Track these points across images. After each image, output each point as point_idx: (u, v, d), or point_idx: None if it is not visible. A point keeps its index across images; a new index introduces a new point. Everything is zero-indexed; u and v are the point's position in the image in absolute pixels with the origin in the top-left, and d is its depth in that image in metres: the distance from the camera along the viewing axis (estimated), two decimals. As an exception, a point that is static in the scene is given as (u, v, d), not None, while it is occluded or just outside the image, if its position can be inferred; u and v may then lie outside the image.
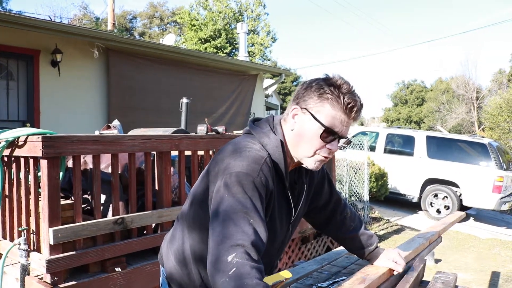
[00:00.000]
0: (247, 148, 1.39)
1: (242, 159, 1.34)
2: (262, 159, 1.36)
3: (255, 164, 1.34)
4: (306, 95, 1.43)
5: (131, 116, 8.28)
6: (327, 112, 1.38)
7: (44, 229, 2.70)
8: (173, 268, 1.57)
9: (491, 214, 11.30)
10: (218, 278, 1.13)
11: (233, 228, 1.20)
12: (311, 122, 1.40)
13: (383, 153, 11.10)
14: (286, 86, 40.55)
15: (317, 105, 1.39)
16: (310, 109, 1.41)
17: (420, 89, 46.70)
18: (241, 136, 1.53)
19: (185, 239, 1.53)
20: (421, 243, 2.33)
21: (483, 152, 9.75)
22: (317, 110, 1.39)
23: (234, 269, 1.12)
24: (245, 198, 1.27)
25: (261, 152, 1.39)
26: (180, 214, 1.62)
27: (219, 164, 1.38)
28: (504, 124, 29.36)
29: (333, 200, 1.83)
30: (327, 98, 1.38)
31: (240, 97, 11.20)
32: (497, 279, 6.03)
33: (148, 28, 41.49)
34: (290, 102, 1.50)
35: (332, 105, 1.38)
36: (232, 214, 1.23)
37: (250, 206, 1.26)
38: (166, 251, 1.64)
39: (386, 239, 7.99)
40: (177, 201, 3.58)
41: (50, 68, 7.42)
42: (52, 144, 2.64)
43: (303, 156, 1.45)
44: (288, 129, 1.47)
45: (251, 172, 1.31)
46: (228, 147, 1.44)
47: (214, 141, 3.82)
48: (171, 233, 1.65)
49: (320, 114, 1.39)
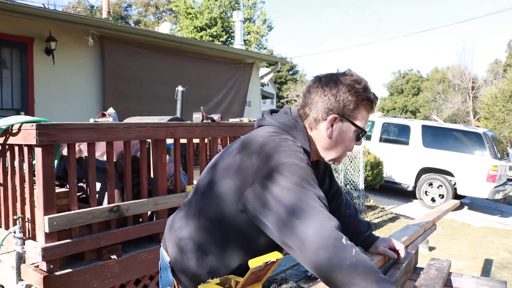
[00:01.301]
0: (282, 139, 1.39)
1: (286, 149, 1.34)
2: (301, 149, 1.38)
3: (299, 153, 1.35)
4: (340, 101, 1.46)
5: (126, 104, 8.24)
6: (362, 116, 1.48)
7: (40, 217, 2.69)
8: (177, 254, 1.56)
9: (485, 203, 11.38)
10: (342, 261, 1.13)
11: (320, 215, 1.20)
12: (350, 129, 1.48)
13: (378, 142, 11.12)
14: (282, 75, 40.49)
15: (355, 111, 1.47)
16: (348, 116, 1.47)
17: (416, 79, 46.77)
18: (262, 127, 1.51)
19: (189, 228, 1.52)
20: (415, 231, 2.34)
21: (478, 142, 9.80)
22: (355, 117, 1.48)
23: (355, 250, 1.16)
24: (308, 184, 1.27)
25: (297, 143, 1.41)
26: (187, 202, 1.60)
27: (255, 156, 1.35)
28: (499, 114, 29.47)
29: (332, 190, 1.85)
30: (362, 103, 1.47)
31: (236, 86, 11.16)
32: (490, 266, 6.10)
33: (144, 16, 41.22)
34: (312, 99, 1.50)
35: (366, 110, 1.49)
36: (309, 202, 1.22)
37: (316, 192, 1.27)
38: (169, 236, 1.63)
39: (381, 227, 8.04)
40: (173, 189, 3.58)
41: (44, 56, 7.37)
42: (46, 132, 2.63)
43: (334, 157, 1.53)
44: (321, 135, 1.50)
45: (301, 160, 1.32)
46: (259, 139, 1.40)
47: (210, 129, 3.81)
48: (175, 218, 1.64)
49: (358, 121, 1.48)
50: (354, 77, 1.47)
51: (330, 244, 1.14)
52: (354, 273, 1.12)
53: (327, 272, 1.15)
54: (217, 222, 1.45)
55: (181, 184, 3.63)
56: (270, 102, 30.83)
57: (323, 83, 1.50)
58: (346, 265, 1.12)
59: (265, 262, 1.20)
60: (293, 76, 44.29)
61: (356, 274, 1.12)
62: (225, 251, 1.47)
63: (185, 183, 3.71)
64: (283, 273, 1.67)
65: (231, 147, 1.50)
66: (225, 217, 1.42)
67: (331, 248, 1.14)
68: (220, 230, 1.46)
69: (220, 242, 1.47)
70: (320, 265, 1.15)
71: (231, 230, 1.44)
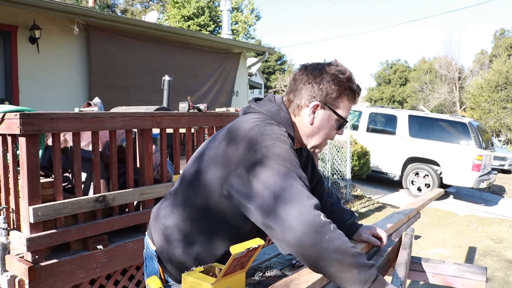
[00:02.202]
0: (267, 123, 1.43)
1: (270, 132, 1.38)
2: (285, 133, 1.42)
3: (283, 137, 1.39)
4: (323, 89, 1.49)
5: (112, 94, 8.18)
6: (344, 106, 1.52)
7: (24, 207, 2.67)
8: (163, 243, 1.57)
9: (470, 192, 11.55)
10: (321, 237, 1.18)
11: (301, 194, 1.24)
12: (331, 117, 1.52)
13: (365, 132, 11.19)
14: (270, 65, 40.40)
15: (337, 100, 1.51)
16: (330, 105, 1.51)
17: (404, 69, 47.02)
18: (247, 114, 1.54)
19: (175, 217, 1.53)
20: (399, 219, 2.37)
21: (464, 132, 9.90)
22: (337, 106, 1.51)
23: (332, 226, 1.22)
24: (291, 164, 1.31)
25: (281, 127, 1.45)
26: (173, 191, 1.62)
27: (240, 141, 1.38)
28: (485, 104, 29.82)
29: (315, 178, 1.87)
30: (344, 93, 1.50)
31: (223, 76, 11.12)
32: (473, 254, 6.20)
33: (131, 5, 40.70)
34: (296, 86, 1.55)
35: (348, 100, 1.52)
36: (291, 182, 1.26)
37: (298, 172, 1.31)
38: (154, 225, 1.64)
39: (367, 216, 8.12)
40: (159, 179, 3.57)
41: (28, 45, 7.26)
42: (30, 122, 2.60)
43: (315, 143, 1.55)
44: (304, 121, 1.54)
45: (285, 142, 1.37)
46: (244, 125, 1.44)
47: (196, 118, 3.80)
48: (160, 207, 1.64)
49: (339, 109, 1.51)
50: (339, 68, 1.51)
51: (310, 221, 1.19)
52: (332, 247, 1.18)
53: (306, 249, 1.19)
54: (203, 210, 1.47)
55: (167, 174, 3.62)
56: (258, 92, 30.79)
57: (308, 71, 1.53)
58: (325, 240, 1.18)
59: (247, 248, 1.22)
60: (281, 66, 44.25)
61: (334, 248, 1.18)
62: (211, 239, 1.49)
63: (172, 173, 3.70)
64: (267, 261, 1.68)
65: (217, 136, 1.52)
66: (210, 205, 1.44)
67: (310, 224, 1.18)
68: (206, 218, 1.48)
69: (206, 230, 1.49)
70: (300, 242, 1.19)
71: (216, 218, 1.46)
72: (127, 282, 3.31)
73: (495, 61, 33.55)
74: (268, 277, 1.53)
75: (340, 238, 1.21)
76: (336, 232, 1.22)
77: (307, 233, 1.18)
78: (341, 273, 1.20)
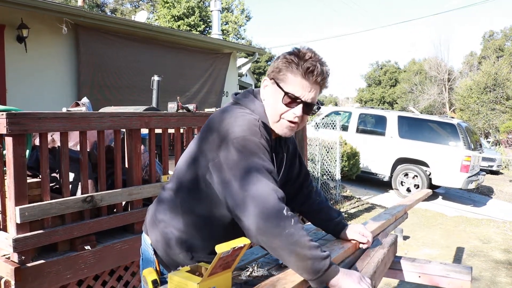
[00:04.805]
0: (240, 113, 1.47)
1: (241, 123, 1.42)
2: (257, 121, 1.46)
3: (254, 126, 1.43)
4: (274, 67, 1.53)
5: (101, 94, 8.14)
6: (289, 80, 1.49)
7: (11, 207, 2.65)
8: (158, 236, 1.62)
9: (459, 192, 11.63)
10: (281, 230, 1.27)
11: (266, 187, 1.30)
12: (277, 91, 1.51)
13: (355, 133, 11.23)
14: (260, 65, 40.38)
15: (281, 73, 1.50)
16: (276, 79, 1.52)
17: (394, 70, 47.25)
18: (225, 106, 1.60)
19: (170, 212, 1.59)
20: (387, 219, 2.39)
21: (452, 133, 9.96)
22: (282, 79, 1.50)
23: (293, 220, 1.30)
24: (258, 158, 1.36)
25: (254, 115, 1.49)
26: (168, 188, 1.65)
27: (215, 132, 1.44)
28: (474, 105, 30.07)
29: (302, 174, 1.89)
30: (289, 66, 1.49)
31: (213, 76, 11.10)
32: (461, 254, 6.25)
33: (120, 4, 40.47)
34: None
35: (292, 72, 1.48)
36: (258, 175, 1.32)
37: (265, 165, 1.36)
38: (149, 222, 1.69)
39: (357, 217, 8.15)
40: (148, 179, 3.56)
41: (16, 44, 7.19)
42: (17, 121, 2.58)
43: (272, 121, 1.54)
44: (262, 100, 1.58)
45: (255, 134, 1.41)
46: (219, 115, 1.50)
47: (185, 118, 3.79)
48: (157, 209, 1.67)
49: (283, 83, 1.50)
50: (301, 49, 1.52)
51: (273, 214, 1.27)
52: (291, 240, 1.27)
53: (267, 240, 1.29)
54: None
55: (156, 174, 3.61)
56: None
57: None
58: (285, 233, 1.27)
59: (232, 247, 1.22)
60: (272, 66, 44.12)
61: (292, 241, 1.28)
62: (206, 233, 1.55)
63: (160, 173, 3.69)
64: (254, 261, 1.68)
65: (201, 130, 1.57)
66: (201, 197, 1.51)
67: (273, 217, 1.27)
68: (200, 211, 1.53)
69: (201, 222, 1.54)
70: (263, 233, 1.28)
71: (209, 210, 1.51)
72: (115, 283, 3.29)
73: (484, 62, 33.89)
74: (255, 276, 1.53)
75: (299, 232, 1.29)
76: (296, 226, 1.29)
77: (269, 227, 1.27)
78: (297, 262, 1.31)
